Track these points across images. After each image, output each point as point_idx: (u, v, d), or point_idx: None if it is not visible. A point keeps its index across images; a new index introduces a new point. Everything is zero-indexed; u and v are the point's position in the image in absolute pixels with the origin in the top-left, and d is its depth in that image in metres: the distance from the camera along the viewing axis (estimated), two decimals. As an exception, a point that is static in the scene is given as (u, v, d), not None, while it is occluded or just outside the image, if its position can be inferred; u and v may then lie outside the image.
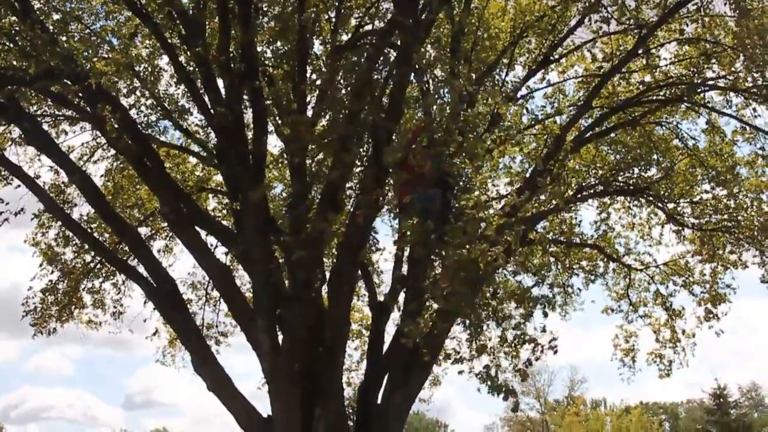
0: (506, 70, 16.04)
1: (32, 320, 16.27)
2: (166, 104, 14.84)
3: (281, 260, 12.32)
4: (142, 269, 13.19)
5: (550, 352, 9.41)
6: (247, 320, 12.26)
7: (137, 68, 13.62)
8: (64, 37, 12.32)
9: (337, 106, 10.93)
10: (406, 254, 13.67)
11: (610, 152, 17.11)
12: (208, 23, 12.79)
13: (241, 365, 48.48)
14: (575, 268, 18.60)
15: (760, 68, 13.86)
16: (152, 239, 16.87)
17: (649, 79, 15.80)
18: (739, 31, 13.31)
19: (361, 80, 10.76)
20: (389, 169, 10.36)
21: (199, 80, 12.69)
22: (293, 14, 10.95)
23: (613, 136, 16.43)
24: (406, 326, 10.10)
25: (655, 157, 16.65)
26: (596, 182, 17.12)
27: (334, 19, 12.93)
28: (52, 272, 16.30)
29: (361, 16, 13.42)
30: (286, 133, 10.97)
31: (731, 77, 14.99)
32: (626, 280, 18.58)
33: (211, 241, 14.02)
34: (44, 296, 16.24)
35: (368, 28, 13.19)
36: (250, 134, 12.68)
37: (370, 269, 15.79)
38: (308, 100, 12.31)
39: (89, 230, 14.95)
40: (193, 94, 12.99)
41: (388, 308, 13.82)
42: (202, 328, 16.41)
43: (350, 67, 11.30)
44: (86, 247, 15.54)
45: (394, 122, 11.00)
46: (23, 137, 13.53)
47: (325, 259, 13.94)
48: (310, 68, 12.15)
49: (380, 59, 11.29)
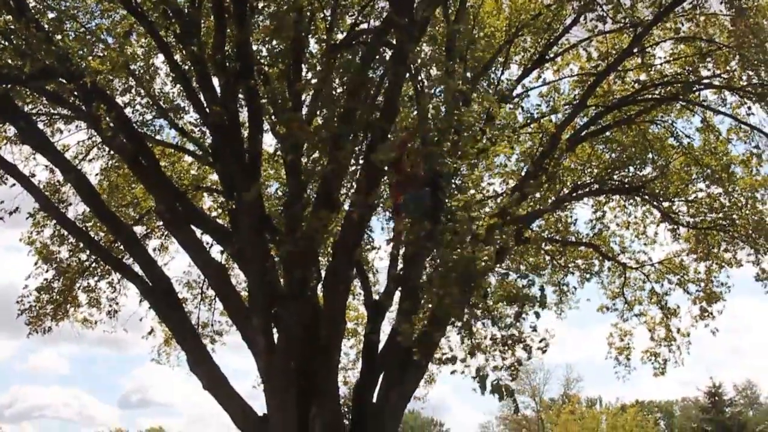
0: (502, 68, 16.06)
1: (27, 319, 16.24)
2: (161, 103, 14.81)
3: (276, 259, 12.32)
4: (137, 268, 13.19)
5: (539, 352, 9.46)
6: (242, 319, 12.26)
7: (132, 67, 13.58)
8: (59, 35, 12.31)
9: (331, 104, 10.93)
10: (401, 253, 13.67)
11: (605, 151, 17.13)
12: (203, 22, 12.76)
13: (236, 364, 48.30)
14: (570, 266, 18.64)
15: (754, 67, 13.90)
16: (147, 238, 16.84)
17: (644, 77, 15.85)
18: (734, 29, 13.35)
19: (356, 79, 10.76)
20: (382, 168, 10.35)
21: (194, 79, 12.68)
22: (288, 12, 10.93)
23: (608, 134, 16.46)
24: (401, 325, 10.11)
25: (650, 155, 16.67)
26: (591, 181, 17.14)
27: (329, 17, 12.93)
28: (47, 271, 16.27)
29: (356, 14, 13.40)
30: (281, 131, 10.98)
31: (726, 76, 15.03)
32: (621, 278, 18.61)
33: (206, 239, 14.05)
34: (39, 295, 16.22)
35: (364, 26, 13.19)
36: (245, 133, 12.67)
37: (365, 268, 15.79)
38: (303, 98, 12.31)
39: (84, 229, 14.93)
40: (188, 92, 12.98)
41: (383, 307, 13.82)
42: (197, 327, 16.38)
43: (345, 65, 11.30)
44: (81, 246, 15.52)
45: (389, 122, 11.01)
46: (18, 136, 13.52)
47: (320, 257, 13.93)
48: (305, 67, 12.15)
49: (375, 58, 11.29)
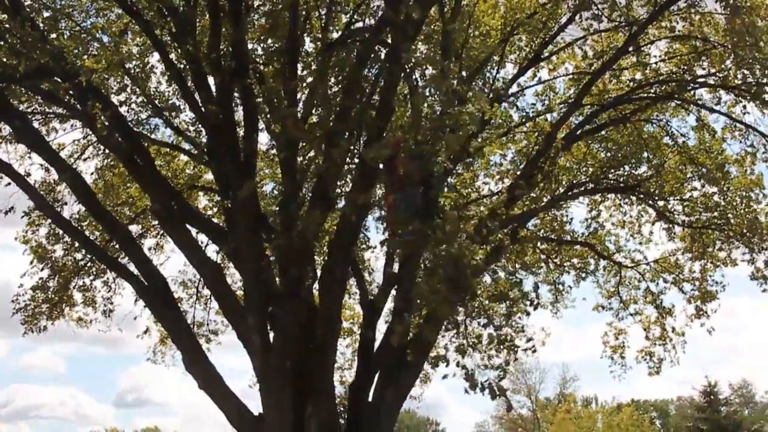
0: (497, 67, 16.04)
1: (23, 318, 16.23)
2: (156, 102, 14.79)
3: (272, 258, 12.31)
4: (132, 267, 13.20)
5: (527, 353, 9.50)
6: (238, 318, 12.25)
7: (128, 66, 13.57)
8: (54, 34, 12.29)
9: (327, 103, 10.92)
10: (397, 252, 13.65)
11: (600, 150, 17.11)
12: (198, 20, 12.75)
13: (232, 363, 48.30)
14: (566, 265, 18.63)
15: (749, 65, 13.92)
16: (143, 237, 16.83)
17: (639, 76, 15.86)
18: (729, 28, 13.36)
19: (351, 77, 10.76)
20: (374, 166, 10.35)
21: (189, 78, 12.67)
22: (283, 11, 10.93)
23: (603, 133, 16.46)
24: (394, 325, 10.12)
25: (645, 154, 16.66)
26: (587, 180, 17.13)
27: (324, 16, 12.92)
28: (42, 270, 16.25)
29: (351, 13, 13.39)
30: (276, 129, 10.98)
31: (721, 74, 15.03)
32: (617, 277, 18.59)
33: (201, 238, 14.01)
34: (35, 294, 16.21)
35: (359, 25, 13.19)
36: (240, 132, 12.67)
37: (361, 267, 15.79)
38: (299, 97, 12.30)
39: (80, 228, 14.92)
40: (183, 91, 12.98)
41: (379, 306, 13.82)
42: (192, 326, 16.36)
43: (340, 64, 11.30)
44: (77, 245, 15.48)
45: (384, 120, 11.00)
46: (13, 135, 13.48)
47: (316, 256, 13.93)
48: (300, 65, 12.14)
49: (370, 57, 11.29)
